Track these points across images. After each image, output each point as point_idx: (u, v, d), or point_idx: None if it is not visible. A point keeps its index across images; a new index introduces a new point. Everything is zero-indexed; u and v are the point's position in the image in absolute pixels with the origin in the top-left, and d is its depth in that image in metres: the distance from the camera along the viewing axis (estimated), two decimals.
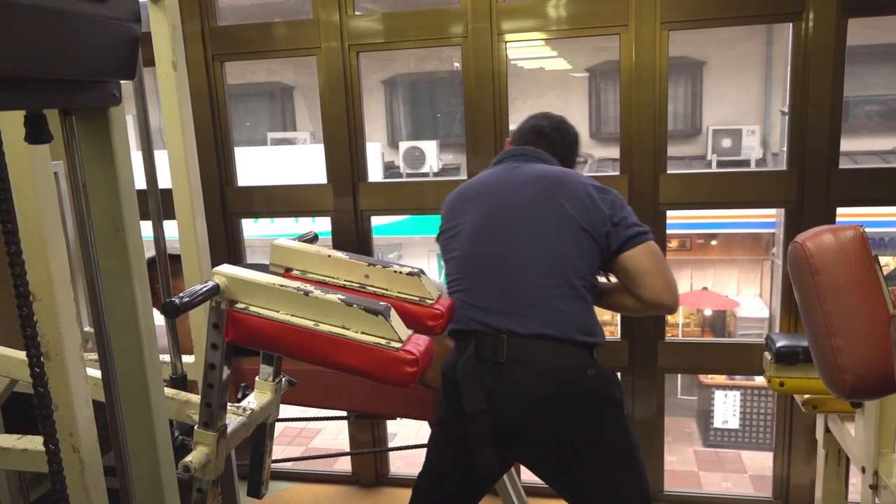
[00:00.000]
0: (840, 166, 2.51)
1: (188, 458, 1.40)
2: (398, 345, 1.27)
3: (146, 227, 1.48)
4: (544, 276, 1.72)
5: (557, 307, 1.71)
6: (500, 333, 1.71)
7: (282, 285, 1.33)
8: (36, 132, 0.95)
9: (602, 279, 1.91)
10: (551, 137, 1.96)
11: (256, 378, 1.64)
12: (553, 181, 1.81)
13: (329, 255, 1.57)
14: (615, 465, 1.73)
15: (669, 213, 2.73)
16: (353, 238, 2.91)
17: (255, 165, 7.06)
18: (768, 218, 8.08)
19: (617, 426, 1.73)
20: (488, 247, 1.79)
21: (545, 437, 1.72)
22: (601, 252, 1.76)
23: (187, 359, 1.99)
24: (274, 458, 1.79)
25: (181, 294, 1.28)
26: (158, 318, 1.45)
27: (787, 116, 2.64)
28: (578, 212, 1.74)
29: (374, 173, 8.41)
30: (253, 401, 1.60)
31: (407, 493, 2.00)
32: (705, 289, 9.67)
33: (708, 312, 9.98)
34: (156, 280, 1.78)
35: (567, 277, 1.72)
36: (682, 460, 6.90)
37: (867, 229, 1.53)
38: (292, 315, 1.32)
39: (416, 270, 1.55)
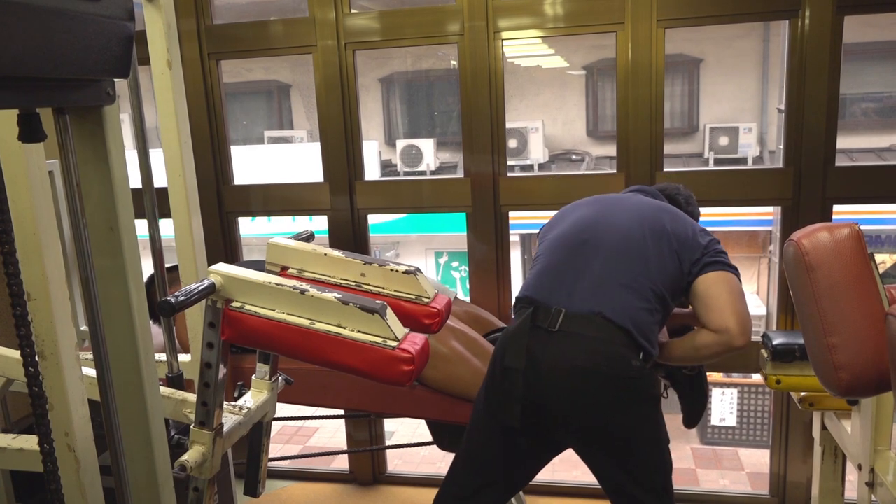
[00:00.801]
0: (836, 164, 2.52)
1: (184, 457, 1.40)
2: (394, 343, 1.27)
3: (142, 226, 1.48)
4: (621, 264, 1.78)
5: (623, 297, 1.75)
6: (559, 306, 1.75)
7: (278, 284, 1.33)
8: (30, 131, 0.95)
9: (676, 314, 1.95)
10: (677, 201, 2.06)
11: (253, 377, 1.64)
12: (664, 207, 1.93)
13: (325, 254, 1.57)
14: (644, 454, 1.77)
15: None
16: (349, 236, 2.91)
17: (251, 164, 7.06)
18: (765, 216, 8.09)
19: (651, 419, 1.77)
20: (579, 230, 1.87)
21: (579, 413, 1.74)
22: (683, 277, 1.81)
23: (183, 357, 1.99)
24: (271, 456, 1.79)
25: (177, 293, 1.27)
26: None
27: (783, 114, 2.64)
28: (677, 235, 1.81)
29: (371, 171, 8.40)
30: (249, 399, 1.60)
31: (404, 492, 2.01)
32: None
33: None
34: (154, 295, 1.78)
35: (642, 276, 1.77)
36: (679, 458, 6.89)
37: (863, 227, 1.54)
38: (288, 314, 1.31)
39: (412, 269, 1.55)
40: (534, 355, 1.73)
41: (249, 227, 7.07)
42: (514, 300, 1.92)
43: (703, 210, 2.26)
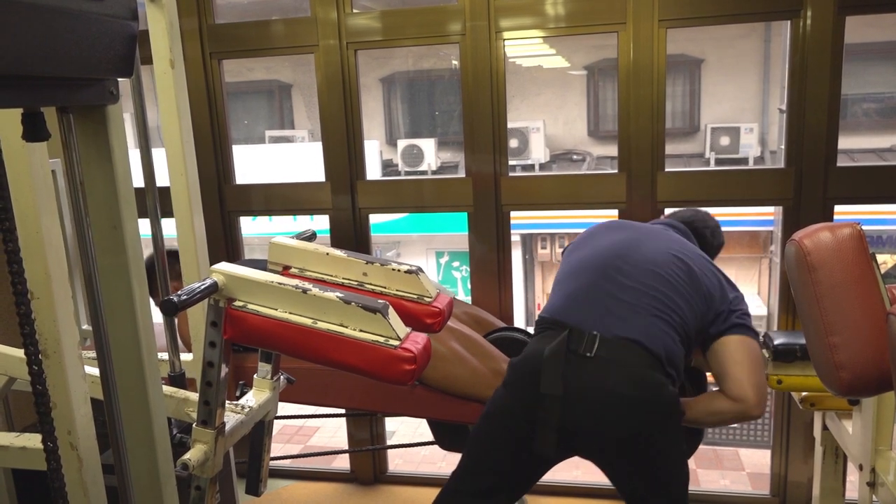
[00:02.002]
0: (838, 164, 2.52)
1: (186, 456, 1.40)
2: (396, 342, 1.27)
3: (144, 225, 1.48)
4: (653, 297, 1.77)
5: (657, 326, 1.75)
6: (594, 330, 1.74)
7: (280, 283, 1.33)
8: (33, 130, 0.95)
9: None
10: (703, 234, 2.09)
11: (255, 376, 1.64)
12: (694, 251, 1.92)
13: (327, 253, 1.57)
14: (670, 474, 1.77)
15: (668, 211, 2.73)
16: (351, 236, 2.91)
17: (253, 163, 7.06)
18: (766, 216, 8.08)
19: (676, 438, 1.77)
20: (610, 255, 1.86)
21: (611, 436, 1.74)
22: (706, 325, 1.82)
23: (186, 356, 1.99)
24: (272, 455, 1.79)
25: (179, 292, 1.27)
26: (157, 316, 1.45)
27: (784, 114, 2.64)
28: (708, 281, 1.83)
29: (373, 171, 8.39)
30: (251, 398, 1.60)
31: (405, 491, 2.01)
32: None
33: None
34: (155, 279, 1.79)
35: (671, 309, 1.77)
36: None
37: (864, 227, 1.54)
38: (290, 313, 1.32)
39: (414, 268, 1.55)
40: (570, 381, 1.71)
41: (251, 227, 7.08)
42: (537, 318, 1.91)
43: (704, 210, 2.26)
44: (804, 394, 2.19)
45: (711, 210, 2.27)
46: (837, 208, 2.55)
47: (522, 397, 1.78)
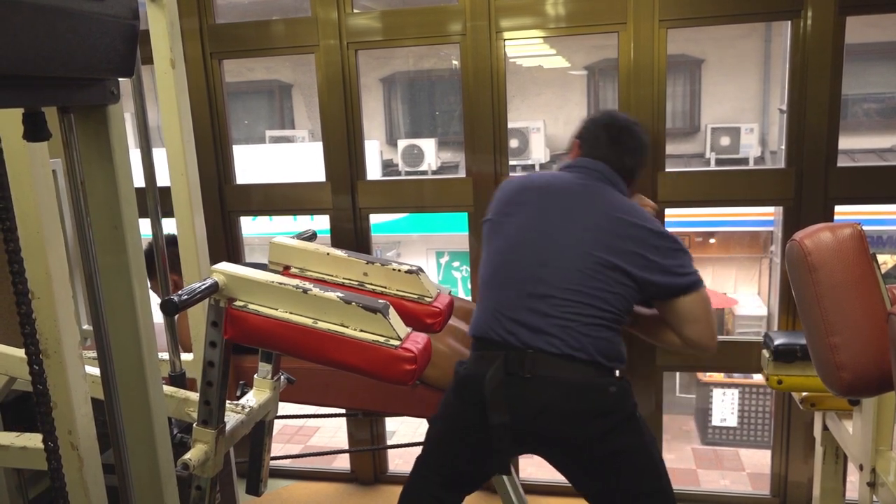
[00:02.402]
0: (838, 164, 2.51)
1: (187, 456, 1.40)
2: (397, 342, 1.27)
3: (145, 225, 1.48)
4: (579, 303, 1.75)
5: (587, 333, 1.74)
6: (529, 349, 1.74)
7: (280, 283, 1.33)
8: (34, 130, 0.95)
9: (642, 309, 1.96)
10: (623, 160, 1.96)
11: (255, 376, 1.64)
12: (614, 218, 1.81)
13: (328, 253, 1.57)
14: (635, 472, 1.77)
15: (668, 211, 2.73)
16: (351, 236, 2.91)
17: (253, 163, 7.06)
18: (767, 216, 8.09)
19: (633, 435, 1.78)
20: (531, 260, 1.81)
21: (566, 446, 1.77)
22: (641, 295, 1.81)
23: (186, 356, 1.99)
24: (273, 455, 1.79)
25: (180, 292, 1.28)
26: (157, 316, 1.45)
27: (785, 114, 2.64)
28: (631, 258, 1.77)
29: (373, 171, 8.39)
30: (252, 398, 1.61)
31: None
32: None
33: None
34: (154, 267, 1.79)
35: (601, 309, 1.76)
36: (680, 458, 6.91)
37: (865, 227, 1.54)
38: (291, 313, 1.32)
39: (414, 268, 1.55)
40: (512, 403, 1.73)
41: (251, 227, 7.08)
42: (471, 333, 1.89)
43: (704, 211, 2.25)
44: (804, 394, 2.19)
45: (712, 210, 2.27)
46: (838, 208, 2.55)
47: (473, 426, 1.79)
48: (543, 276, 1.78)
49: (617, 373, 1.82)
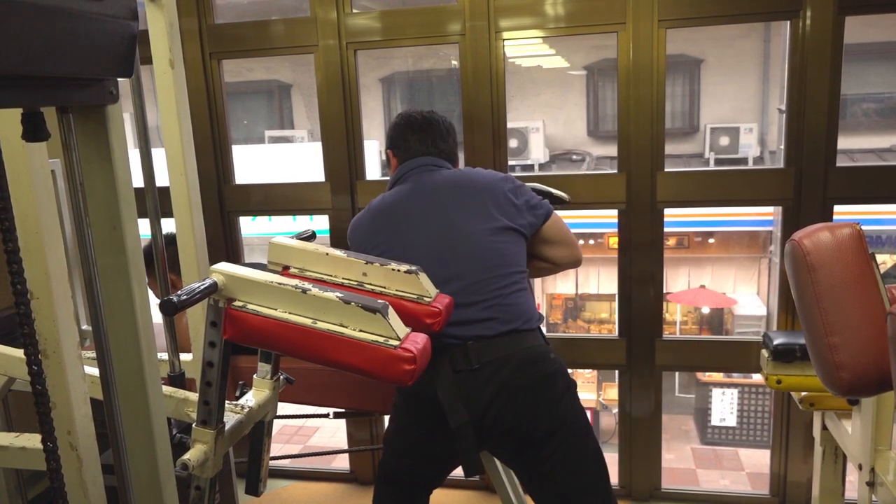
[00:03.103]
0: (837, 164, 2.52)
1: (186, 456, 1.40)
2: (396, 342, 1.27)
3: (144, 225, 1.48)
4: (495, 277, 1.79)
5: (514, 302, 1.79)
6: (468, 341, 1.75)
7: (280, 283, 1.33)
8: (33, 130, 0.95)
9: None
10: (437, 145, 2.00)
11: (254, 376, 1.64)
12: (472, 188, 1.88)
13: (327, 253, 1.57)
14: (582, 447, 1.79)
15: (667, 211, 2.73)
16: None
17: (252, 163, 7.06)
18: (766, 216, 8.09)
19: (577, 406, 1.81)
20: (431, 260, 1.77)
21: (520, 426, 1.76)
22: (528, 239, 1.88)
23: (185, 357, 1.99)
24: (272, 455, 1.79)
25: (179, 292, 1.28)
26: (157, 317, 1.45)
27: (784, 114, 2.64)
28: (506, 213, 1.84)
29: (373, 171, 8.39)
30: (251, 398, 1.61)
31: None
32: (703, 286, 9.68)
33: (705, 310, 9.99)
34: (153, 266, 1.79)
35: (512, 274, 1.81)
36: (679, 458, 6.91)
37: (864, 227, 1.54)
38: (290, 313, 1.32)
39: (413, 269, 1.55)
40: (466, 397, 1.73)
41: (250, 227, 7.07)
42: None
43: (703, 210, 2.26)
44: (804, 394, 2.19)
45: (711, 210, 2.28)
46: (837, 208, 2.55)
47: (434, 432, 1.81)
48: (449, 275, 1.78)
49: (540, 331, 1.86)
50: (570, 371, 1.87)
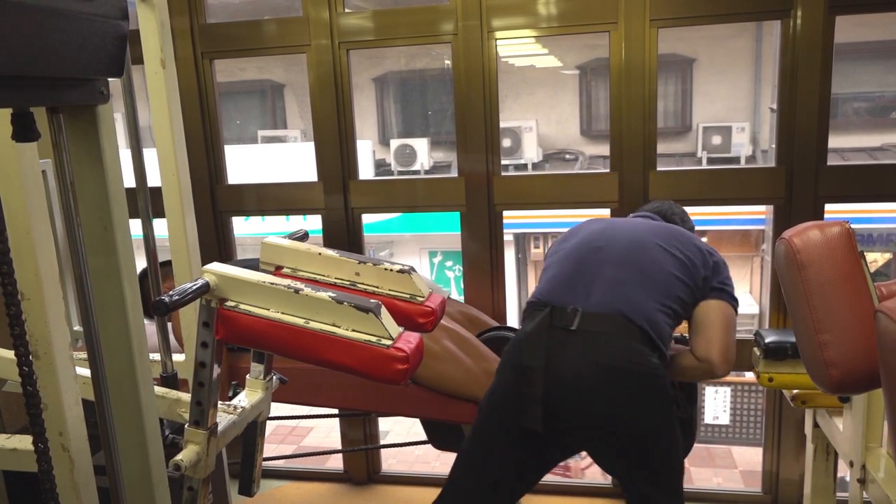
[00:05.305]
0: (828, 163, 2.53)
1: (179, 457, 1.40)
2: (389, 342, 1.27)
3: (135, 226, 1.48)
4: (639, 280, 1.81)
5: (640, 299, 1.78)
6: (576, 306, 1.77)
7: (272, 283, 1.33)
8: (23, 130, 0.95)
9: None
10: (673, 221, 2.11)
11: (247, 376, 1.64)
12: (673, 230, 1.97)
13: (319, 253, 1.57)
14: (661, 453, 1.78)
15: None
16: (343, 236, 2.91)
17: (245, 163, 7.03)
18: (757, 214, 8.11)
19: (668, 417, 1.78)
20: (596, 245, 1.89)
21: (597, 411, 1.74)
22: (695, 290, 1.86)
23: (178, 357, 1.99)
24: (265, 456, 1.79)
25: (171, 292, 1.27)
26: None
27: (775, 113, 2.66)
28: (689, 259, 1.86)
29: (365, 171, 8.39)
30: (244, 399, 1.60)
31: (399, 491, 2.01)
32: None
33: None
34: (147, 290, 1.78)
35: (658, 289, 1.81)
36: None
37: (855, 226, 1.55)
38: (283, 313, 1.31)
39: (406, 268, 1.55)
40: (553, 354, 1.74)
41: (243, 227, 7.05)
42: (524, 304, 1.93)
43: (695, 209, 2.27)
44: (795, 391, 2.21)
45: (703, 209, 2.29)
46: (828, 207, 2.56)
47: (505, 379, 1.82)
48: (600, 246, 1.88)
49: (657, 355, 1.79)
50: None
